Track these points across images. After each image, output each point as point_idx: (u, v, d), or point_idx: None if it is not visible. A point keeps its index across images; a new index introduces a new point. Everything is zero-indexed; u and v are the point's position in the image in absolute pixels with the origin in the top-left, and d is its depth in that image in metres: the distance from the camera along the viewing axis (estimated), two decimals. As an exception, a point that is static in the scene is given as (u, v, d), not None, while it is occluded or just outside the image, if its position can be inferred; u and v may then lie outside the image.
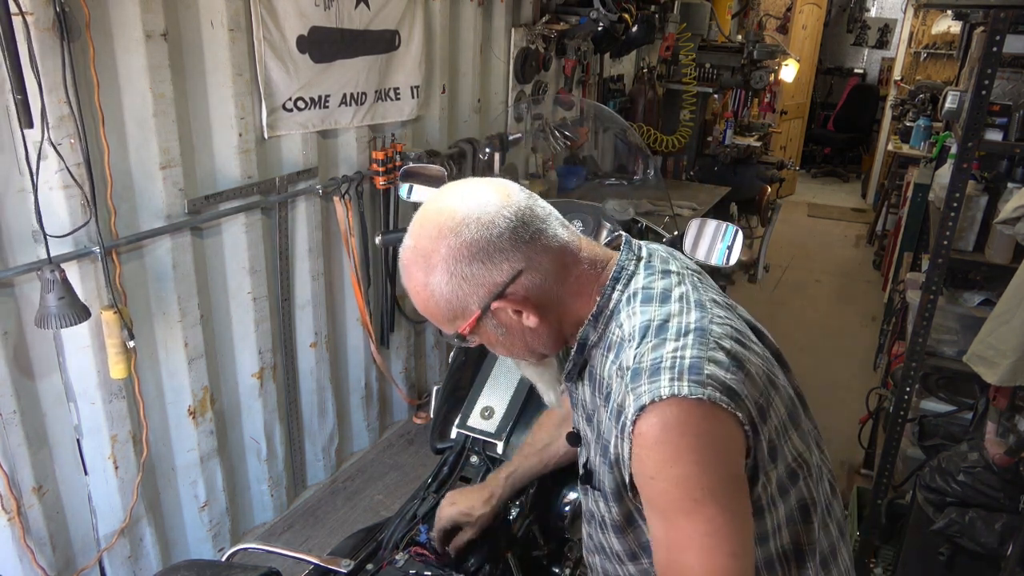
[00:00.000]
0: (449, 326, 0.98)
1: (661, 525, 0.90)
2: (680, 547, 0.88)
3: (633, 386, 0.88)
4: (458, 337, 0.99)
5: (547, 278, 0.95)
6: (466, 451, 1.65)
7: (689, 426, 0.84)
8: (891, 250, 5.11)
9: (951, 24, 5.95)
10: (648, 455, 0.86)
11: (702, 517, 0.85)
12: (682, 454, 0.85)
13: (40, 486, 2.00)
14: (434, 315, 0.98)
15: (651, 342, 0.90)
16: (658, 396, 0.85)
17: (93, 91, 1.86)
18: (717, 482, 0.86)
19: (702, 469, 0.85)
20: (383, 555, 1.42)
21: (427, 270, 0.93)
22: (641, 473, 0.89)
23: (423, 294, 0.96)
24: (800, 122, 8.11)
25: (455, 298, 0.94)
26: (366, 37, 2.67)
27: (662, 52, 4.98)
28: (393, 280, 3.14)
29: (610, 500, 1.01)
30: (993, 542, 1.98)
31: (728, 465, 0.87)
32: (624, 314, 0.96)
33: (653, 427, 0.85)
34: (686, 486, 0.85)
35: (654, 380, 0.86)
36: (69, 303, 1.79)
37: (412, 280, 0.96)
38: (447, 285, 0.93)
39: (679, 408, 0.84)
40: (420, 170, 2.03)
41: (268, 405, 2.65)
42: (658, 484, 0.87)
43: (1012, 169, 2.63)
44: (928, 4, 4.50)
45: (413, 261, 0.95)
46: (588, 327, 0.99)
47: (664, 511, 0.89)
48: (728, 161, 5.31)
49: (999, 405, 2.20)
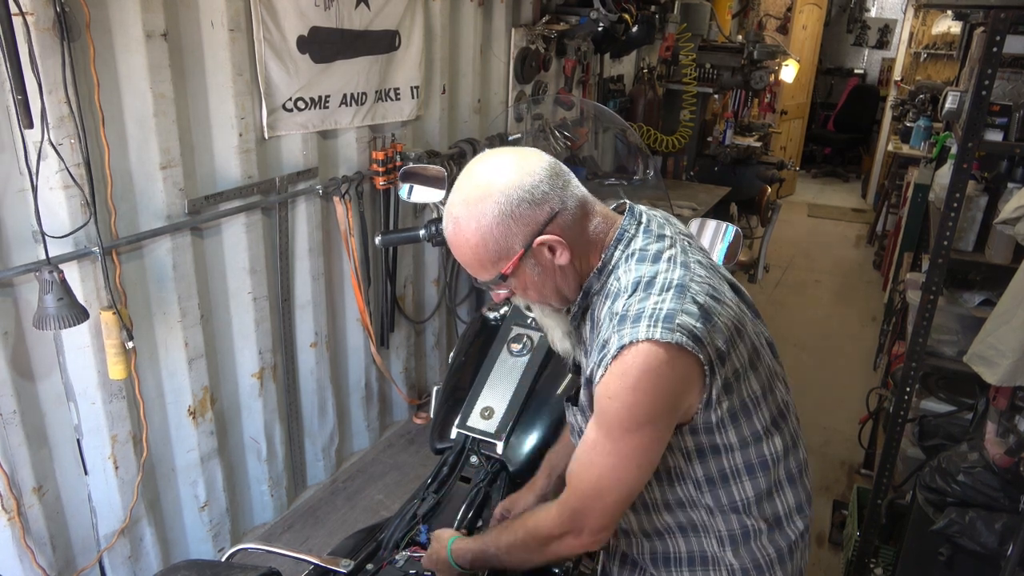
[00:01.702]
0: (492, 269, 1.12)
1: (597, 432, 1.10)
2: (605, 451, 1.09)
3: (618, 328, 1.06)
4: (500, 279, 1.13)
5: (575, 222, 1.13)
6: (466, 451, 1.65)
7: (652, 365, 1.03)
8: (891, 250, 5.11)
9: (951, 24, 5.95)
10: (614, 380, 1.05)
11: (637, 436, 1.07)
12: (640, 384, 1.04)
13: (40, 486, 2.00)
14: (480, 259, 1.11)
15: (639, 295, 1.09)
16: (636, 338, 1.03)
17: (93, 91, 1.86)
18: (659, 413, 1.07)
19: (651, 400, 1.05)
20: (383, 555, 1.42)
21: (479, 215, 1.08)
22: (602, 394, 1.08)
23: (472, 239, 1.09)
24: (800, 122, 8.11)
25: (503, 238, 1.09)
26: (366, 37, 2.68)
27: (662, 52, 4.98)
28: (393, 280, 3.14)
29: (587, 413, 1.19)
30: (993, 542, 1.98)
31: (673, 399, 1.07)
32: (622, 270, 1.13)
33: (625, 360, 1.04)
34: (634, 411, 1.06)
35: (635, 325, 1.05)
36: (68, 304, 1.79)
37: (462, 228, 1.10)
38: (498, 227, 1.08)
39: (649, 348, 1.03)
40: (420, 170, 2.02)
41: (268, 405, 2.65)
42: (613, 404, 1.06)
43: (1012, 169, 2.63)
44: (928, 4, 4.50)
45: (464, 209, 1.10)
46: (593, 278, 1.16)
47: (608, 425, 1.08)
48: (728, 161, 5.31)
49: (999, 405, 2.20)
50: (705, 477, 1.17)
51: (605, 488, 1.12)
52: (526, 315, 1.82)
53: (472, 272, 1.16)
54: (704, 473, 1.17)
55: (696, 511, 1.20)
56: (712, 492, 1.18)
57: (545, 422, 1.65)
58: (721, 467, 1.17)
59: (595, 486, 1.12)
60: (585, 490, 1.14)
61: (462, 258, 1.14)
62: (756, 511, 1.20)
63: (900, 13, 8.31)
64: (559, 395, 1.69)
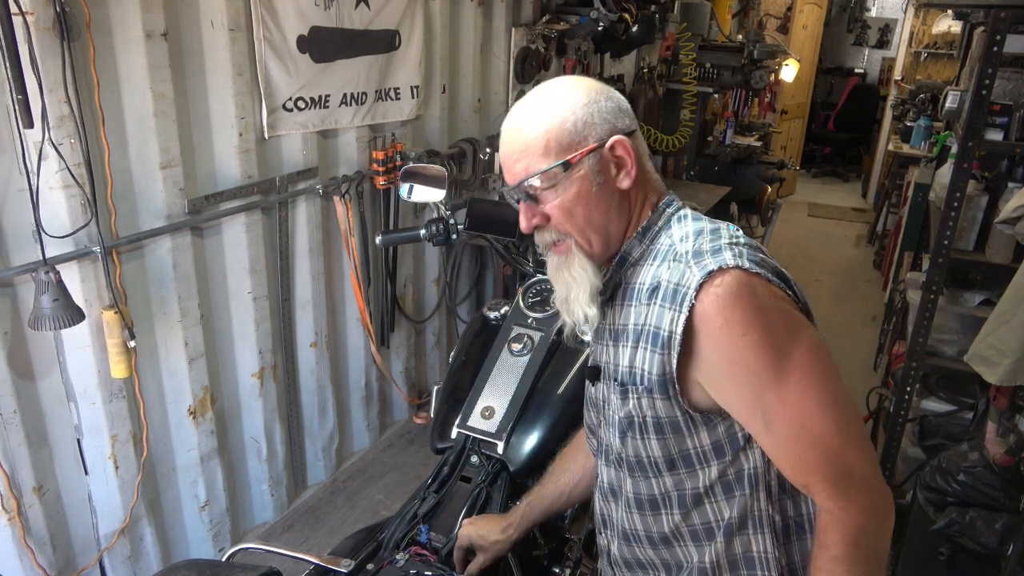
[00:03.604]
0: (557, 154, 1.00)
1: (769, 388, 0.91)
2: (799, 393, 0.91)
3: (696, 261, 0.96)
4: (562, 167, 1.00)
5: (643, 155, 1.06)
6: (466, 451, 1.65)
7: (755, 286, 0.92)
8: (891, 250, 5.10)
9: (951, 24, 5.95)
10: (725, 317, 0.91)
11: (805, 347, 0.92)
12: (756, 300, 0.91)
13: (40, 486, 2.00)
14: (547, 140, 1.01)
15: (707, 238, 1.00)
16: (724, 264, 0.93)
17: (93, 91, 1.86)
18: (798, 316, 0.94)
19: (782, 307, 0.93)
20: (383, 555, 1.42)
21: (563, 95, 1.02)
22: (727, 348, 0.91)
23: (546, 118, 1.01)
24: (800, 122, 8.10)
25: (582, 124, 1.01)
26: (366, 37, 2.67)
27: (662, 52, 4.98)
28: (393, 280, 3.14)
29: (655, 392, 1.01)
30: (993, 542, 1.98)
31: (799, 315, 0.94)
32: (675, 227, 1.04)
33: (721, 291, 0.91)
34: (778, 324, 0.91)
35: (717, 255, 0.95)
36: (63, 305, 1.78)
37: (537, 105, 1.03)
38: (582, 109, 1.01)
39: (744, 275, 0.92)
40: (420, 170, 2.02)
41: (268, 405, 2.65)
42: (751, 337, 0.90)
43: (1012, 169, 2.63)
44: (928, 4, 4.50)
45: (546, 90, 1.04)
46: (634, 240, 1.06)
47: (769, 362, 0.91)
48: (728, 161, 5.31)
49: (999, 405, 2.20)
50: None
51: (836, 429, 0.92)
52: (527, 315, 1.82)
53: (524, 160, 1.02)
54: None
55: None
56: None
57: (546, 422, 1.65)
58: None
59: (828, 436, 0.92)
60: (824, 449, 0.92)
61: (522, 137, 1.02)
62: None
63: (900, 12, 8.31)
64: (560, 395, 1.69)
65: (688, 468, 1.05)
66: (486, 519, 1.45)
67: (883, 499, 0.96)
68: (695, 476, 1.05)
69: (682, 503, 1.07)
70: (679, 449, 1.05)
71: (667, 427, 1.04)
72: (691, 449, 1.04)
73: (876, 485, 0.95)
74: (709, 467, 1.04)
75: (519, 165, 1.03)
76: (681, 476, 1.06)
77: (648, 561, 1.16)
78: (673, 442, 1.04)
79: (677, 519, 1.09)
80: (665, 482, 1.08)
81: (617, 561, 1.23)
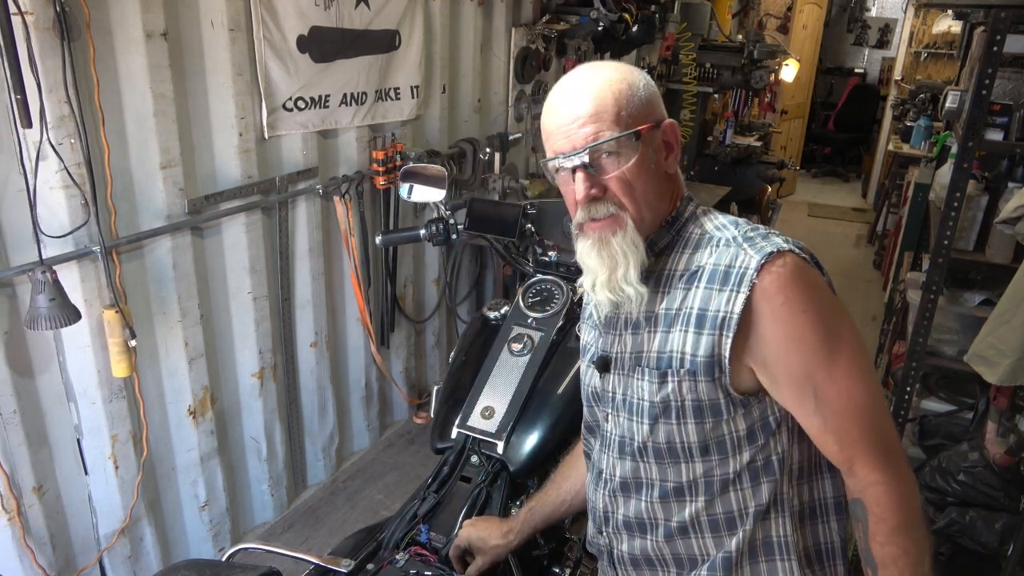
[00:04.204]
0: (628, 122, 1.01)
1: (820, 365, 0.97)
2: (849, 368, 0.97)
3: (748, 245, 1.00)
4: (633, 136, 1.01)
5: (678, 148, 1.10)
6: (466, 451, 1.65)
7: (811, 274, 0.99)
8: (891, 250, 5.10)
9: (951, 24, 5.96)
10: (785, 295, 0.96)
11: (849, 335, 0.98)
12: (812, 281, 0.98)
13: (40, 486, 2.00)
14: (620, 106, 1.01)
15: (748, 227, 1.04)
16: (779, 248, 0.98)
17: (93, 91, 1.86)
18: (844, 313, 1.00)
19: (837, 306, 0.99)
20: (383, 555, 1.42)
21: (628, 71, 1.05)
22: (788, 316, 0.96)
23: (619, 85, 1.03)
24: (800, 122, 8.10)
25: (649, 98, 1.05)
26: (366, 37, 2.67)
27: (662, 52, 4.98)
28: (393, 280, 3.14)
29: (700, 375, 1.02)
30: (993, 542, 1.98)
31: (838, 299, 1.02)
32: (704, 219, 1.09)
33: (781, 272, 0.96)
34: (830, 307, 0.98)
35: (768, 240, 1.00)
36: (60, 304, 1.78)
37: (614, 74, 1.04)
38: (645, 89, 1.05)
39: (798, 260, 0.98)
40: (420, 170, 2.02)
41: (268, 405, 2.65)
42: (809, 316, 0.96)
43: (1012, 169, 2.64)
44: (928, 4, 4.50)
45: (607, 66, 1.06)
46: (663, 230, 1.09)
47: (822, 340, 0.96)
48: (728, 161, 5.31)
49: (999, 405, 2.20)
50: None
51: (876, 404, 0.99)
52: (527, 315, 1.82)
53: (593, 124, 1.00)
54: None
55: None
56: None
57: (546, 422, 1.65)
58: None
59: (872, 411, 0.98)
60: (869, 423, 0.98)
61: (590, 102, 1.01)
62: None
63: (900, 12, 8.31)
64: (560, 395, 1.69)
65: (721, 455, 1.07)
66: (487, 521, 1.44)
67: (911, 470, 1.02)
68: (726, 463, 1.07)
69: (708, 490, 1.09)
70: (715, 434, 1.06)
71: (707, 410, 1.04)
72: (726, 434, 1.06)
73: (905, 457, 1.02)
74: (741, 454, 1.06)
75: (586, 129, 1.01)
76: (713, 463, 1.07)
77: (658, 556, 1.16)
78: (710, 426, 1.06)
79: (699, 506, 1.10)
80: (696, 468, 1.09)
81: (623, 559, 1.21)
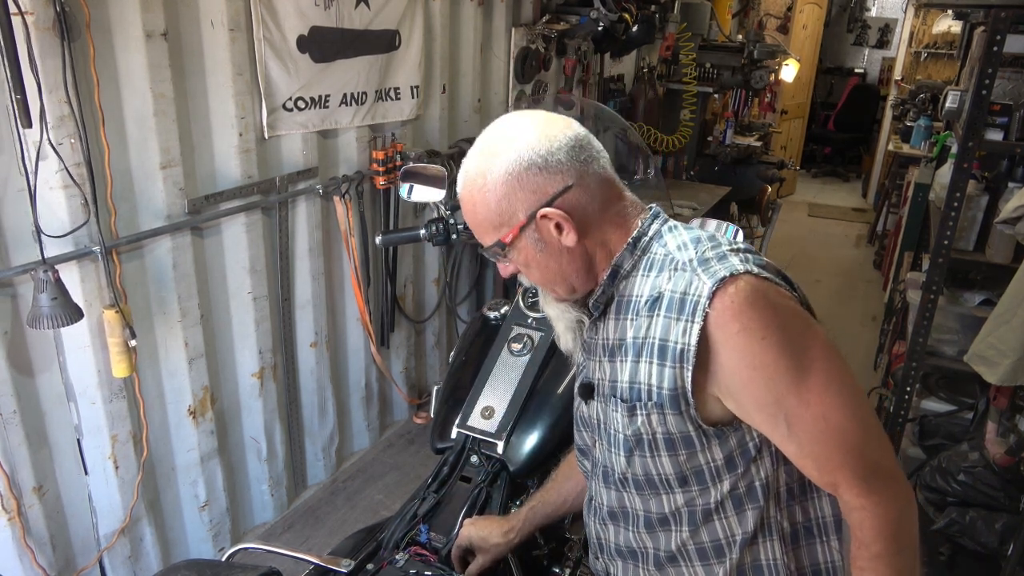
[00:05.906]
0: (493, 233, 1.04)
1: (790, 393, 0.91)
2: (820, 392, 0.91)
3: (703, 269, 0.95)
4: (498, 247, 1.04)
5: (593, 201, 1.02)
6: (466, 451, 1.65)
7: (767, 291, 0.93)
8: (891, 250, 5.11)
9: (951, 24, 5.96)
10: (742, 323, 0.90)
11: (819, 345, 0.93)
12: (771, 304, 0.92)
13: (40, 486, 2.00)
14: (483, 219, 1.04)
15: (707, 246, 0.99)
16: (735, 271, 0.92)
17: (93, 91, 1.86)
18: (813, 328, 0.94)
19: (803, 323, 0.94)
20: (383, 555, 1.42)
21: (488, 170, 1.01)
22: (746, 344, 0.91)
23: (477, 196, 1.02)
24: (800, 122, 8.10)
25: (507, 202, 1.01)
26: (366, 37, 2.67)
27: (662, 52, 4.98)
28: (393, 280, 3.14)
29: (666, 407, 0.99)
30: (993, 542, 1.98)
31: (808, 315, 0.96)
32: (668, 237, 1.03)
33: (737, 297, 0.91)
34: (793, 327, 0.92)
35: (724, 262, 0.94)
36: (62, 304, 1.78)
37: (470, 182, 1.03)
38: (503, 187, 1.00)
39: (756, 280, 0.92)
40: (420, 170, 2.02)
41: (268, 405, 2.65)
42: (770, 340, 0.90)
43: (1012, 169, 2.64)
44: (928, 4, 4.50)
45: (476, 162, 1.03)
46: (625, 252, 1.04)
47: (789, 367, 0.91)
48: (728, 161, 5.31)
49: (999, 405, 2.20)
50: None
51: (858, 423, 0.92)
52: (527, 315, 1.82)
53: (475, 234, 1.07)
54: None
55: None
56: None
57: (546, 422, 1.65)
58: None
59: (852, 432, 0.92)
60: (850, 446, 0.92)
61: (467, 215, 1.06)
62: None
63: (900, 12, 8.31)
64: (560, 395, 1.69)
65: (700, 485, 1.04)
66: (488, 520, 1.44)
67: (906, 489, 0.96)
68: (707, 492, 1.04)
69: (692, 520, 1.06)
70: (691, 465, 1.03)
71: (679, 443, 1.02)
72: (703, 465, 1.03)
73: (898, 475, 0.96)
74: (721, 482, 1.03)
75: (473, 233, 1.08)
76: (693, 493, 1.05)
77: None
78: (685, 458, 1.03)
79: (685, 536, 1.07)
80: (676, 499, 1.06)
81: None
